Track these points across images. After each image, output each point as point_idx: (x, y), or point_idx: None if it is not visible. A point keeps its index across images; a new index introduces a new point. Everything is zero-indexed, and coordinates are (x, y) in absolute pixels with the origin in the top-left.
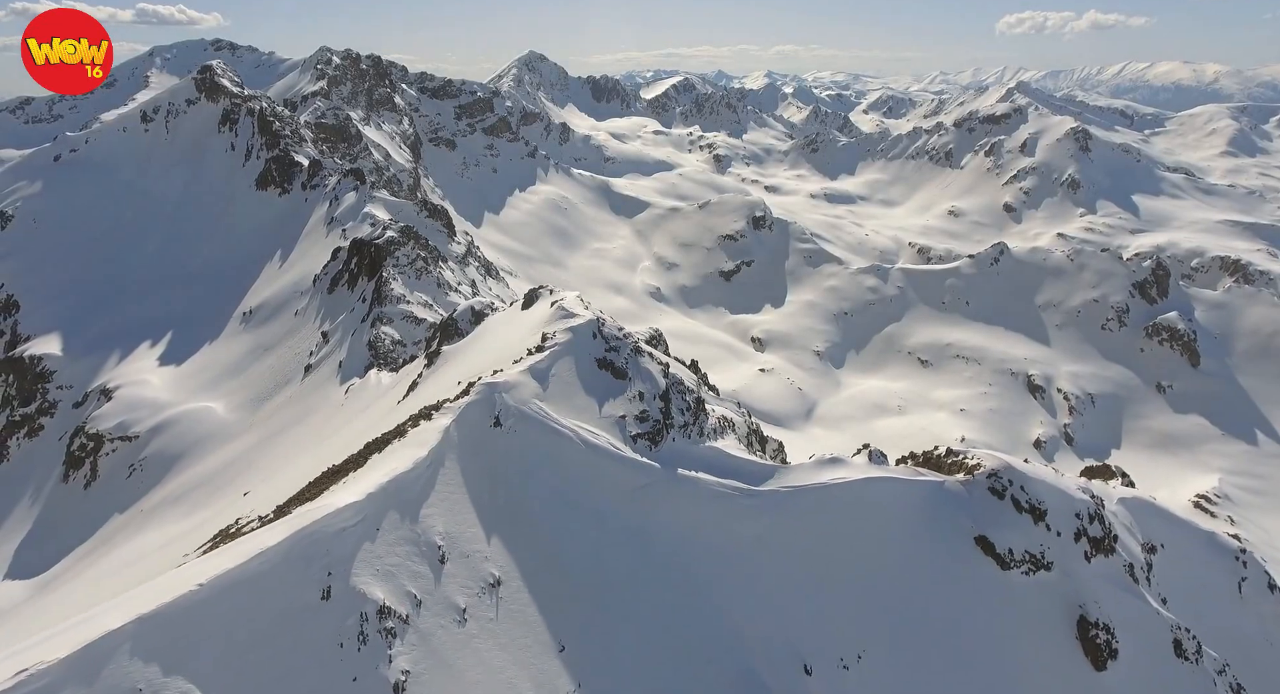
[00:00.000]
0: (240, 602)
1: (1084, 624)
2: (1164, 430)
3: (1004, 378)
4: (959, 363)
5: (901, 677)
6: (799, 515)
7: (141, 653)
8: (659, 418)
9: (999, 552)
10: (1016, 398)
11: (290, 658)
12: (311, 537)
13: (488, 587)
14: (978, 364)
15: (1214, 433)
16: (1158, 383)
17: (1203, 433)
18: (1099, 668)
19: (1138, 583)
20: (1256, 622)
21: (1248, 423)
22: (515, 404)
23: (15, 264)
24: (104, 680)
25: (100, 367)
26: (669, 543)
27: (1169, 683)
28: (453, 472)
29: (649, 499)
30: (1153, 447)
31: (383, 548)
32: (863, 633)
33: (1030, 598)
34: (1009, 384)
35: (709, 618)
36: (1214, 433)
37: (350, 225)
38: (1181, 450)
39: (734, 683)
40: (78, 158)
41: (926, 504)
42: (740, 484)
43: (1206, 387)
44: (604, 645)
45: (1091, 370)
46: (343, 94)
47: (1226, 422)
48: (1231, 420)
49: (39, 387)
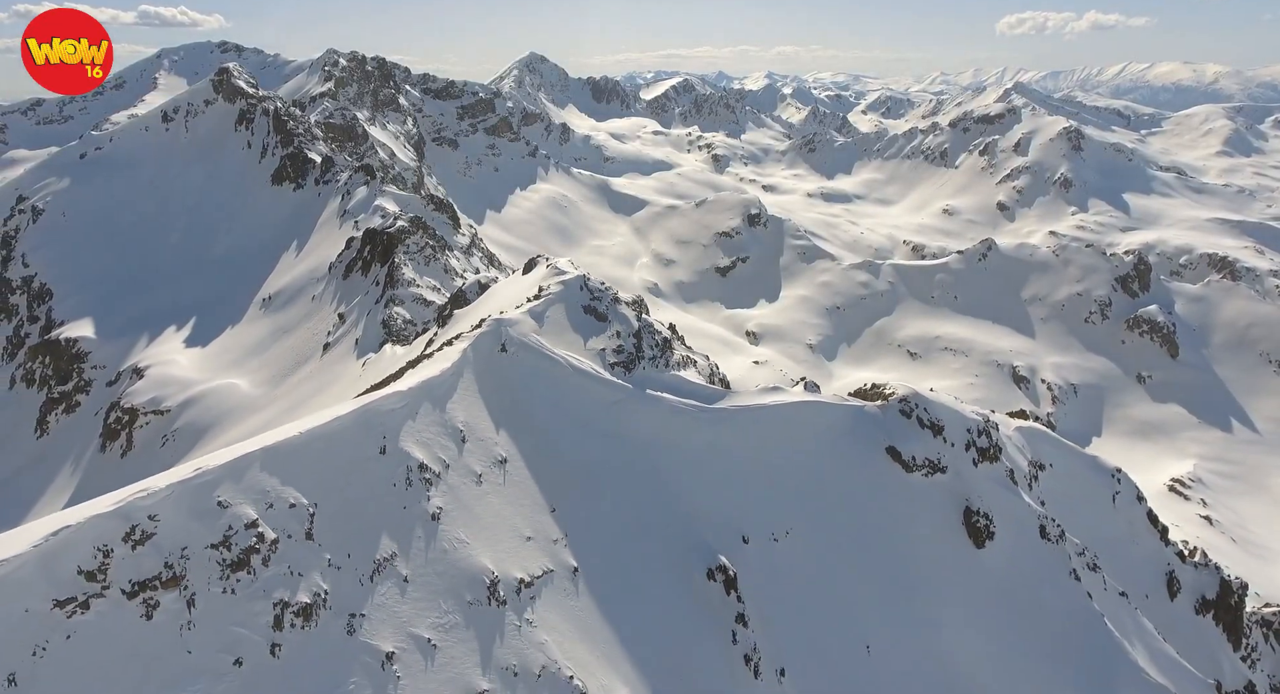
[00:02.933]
0: (325, 448)
1: (969, 513)
2: (1143, 419)
3: (990, 369)
4: (947, 355)
5: (819, 550)
6: (742, 427)
7: (267, 469)
8: (632, 351)
9: (904, 458)
10: (1002, 388)
11: (360, 489)
12: (372, 411)
13: (497, 462)
14: (965, 356)
15: (1191, 421)
16: (1138, 373)
17: (1180, 421)
18: (979, 546)
19: (1016, 485)
20: (1125, 525)
21: (1223, 411)
22: (517, 336)
23: (47, 254)
24: (245, 482)
25: (130, 349)
26: (638, 444)
27: (1034, 557)
28: (470, 381)
29: (622, 411)
30: (1132, 434)
31: (420, 425)
32: (790, 516)
33: (928, 494)
34: (994, 375)
35: (669, 501)
36: (1191, 421)
37: (362, 217)
38: (1160, 437)
39: (688, 548)
40: (102, 155)
41: (848, 422)
42: (696, 403)
43: (1185, 377)
44: (585, 513)
45: (1074, 361)
46: (349, 95)
47: (1203, 410)
48: (1208, 409)
49: (75, 367)
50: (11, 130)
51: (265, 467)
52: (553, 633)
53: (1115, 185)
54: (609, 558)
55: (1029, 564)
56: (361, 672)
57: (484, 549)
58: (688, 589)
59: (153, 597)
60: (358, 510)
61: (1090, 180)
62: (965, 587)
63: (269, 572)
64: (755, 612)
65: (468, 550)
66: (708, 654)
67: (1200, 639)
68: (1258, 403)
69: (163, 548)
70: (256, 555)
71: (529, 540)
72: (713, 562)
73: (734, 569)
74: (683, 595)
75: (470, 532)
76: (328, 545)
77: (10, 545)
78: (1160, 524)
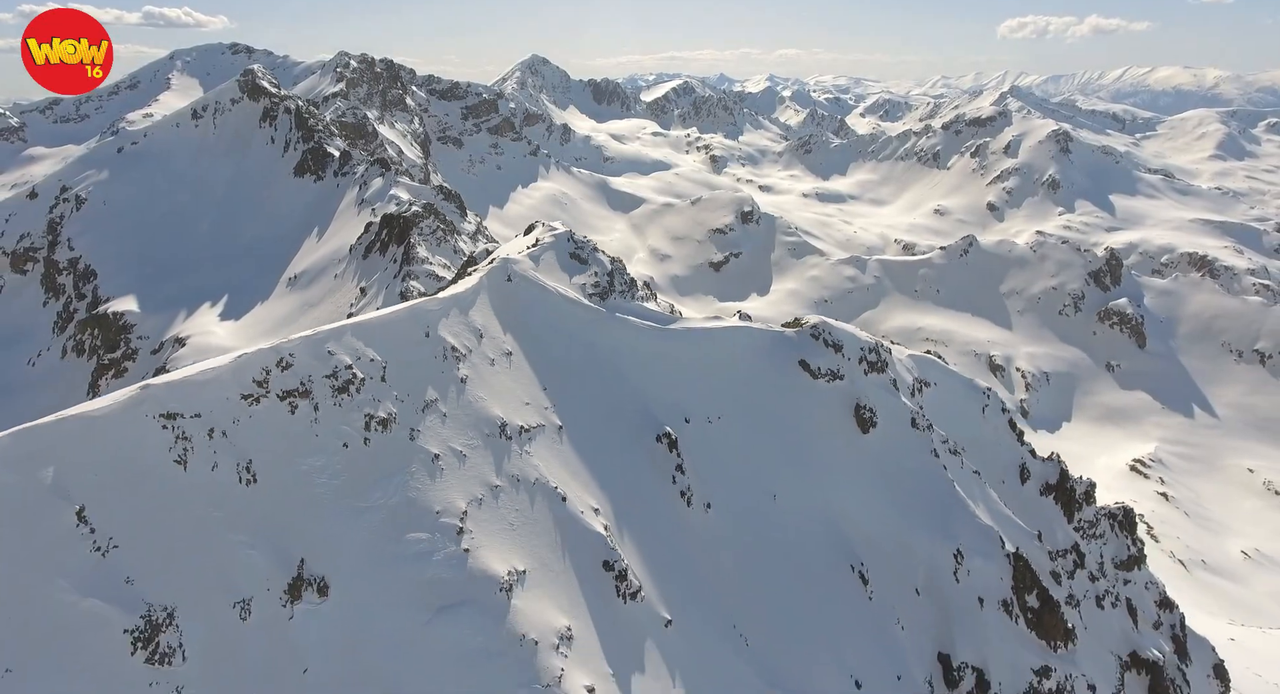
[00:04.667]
0: (391, 328)
1: (858, 408)
2: (1111, 405)
3: (968, 358)
4: (928, 346)
5: (742, 430)
6: (688, 342)
7: (356, 336)
8: (606, 286)
9: (811, 368)
10: (978, 376)
11: (413, 357)
12: (420, 309)
13: (504, 354)
14: (945, 346)
15: (1155, 407)
16: (1107, 362)
17: (1146, 407)
18: (864, 432)
19: (896, 390)
20: (991, 430)
21: (1186, 398)
22: (520, 271)
23: (91, 239)
24: (343, 342)
25: (170, 322)
26: (608, 350)
27: (904, 440)
28: (484, 298)
29: (597, 327)
30: (1100, 419)
31: (451, 322)
32: (721, 407)
33: (828, 395)
34: (972, 364)
35: (630, 391)
36: (1155, 407)
37: (378, 205)
38: (1126, 422)
39: (643, 422)
40: (138, 149)
41: (770, 342)
42: (654, 323)
43: (1151, 366)
44: (568, 394)
45: (1048, 351)
46: (359, 95)
47: (1167, 397)
48: (1172, 396)
49: (122, 337)
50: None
51: (355, 334)
52: (543, 462)
53: (1102, 187)
54: (584, 424)
55: (900, 444)
56: (419, 463)
57: (496, 404)
58: (642, 448)
59: (294, 401)
60: (412, 370)
61: (1077, 182)
62: (850, 459)
63: (360, 396)
64: (690, 466)
65: (485, 404)
66: (654, 490)
67: (1042, 514)
68: (1219, 390)
69: (298, 373)
70: (352, 385)
71: (527, 404)
72: (661, 430)
73: (676, 435)
74: (638, 452)
75: (486, 393)
76: (395, 387)
77: (216, 363)
78: (1018, 429)
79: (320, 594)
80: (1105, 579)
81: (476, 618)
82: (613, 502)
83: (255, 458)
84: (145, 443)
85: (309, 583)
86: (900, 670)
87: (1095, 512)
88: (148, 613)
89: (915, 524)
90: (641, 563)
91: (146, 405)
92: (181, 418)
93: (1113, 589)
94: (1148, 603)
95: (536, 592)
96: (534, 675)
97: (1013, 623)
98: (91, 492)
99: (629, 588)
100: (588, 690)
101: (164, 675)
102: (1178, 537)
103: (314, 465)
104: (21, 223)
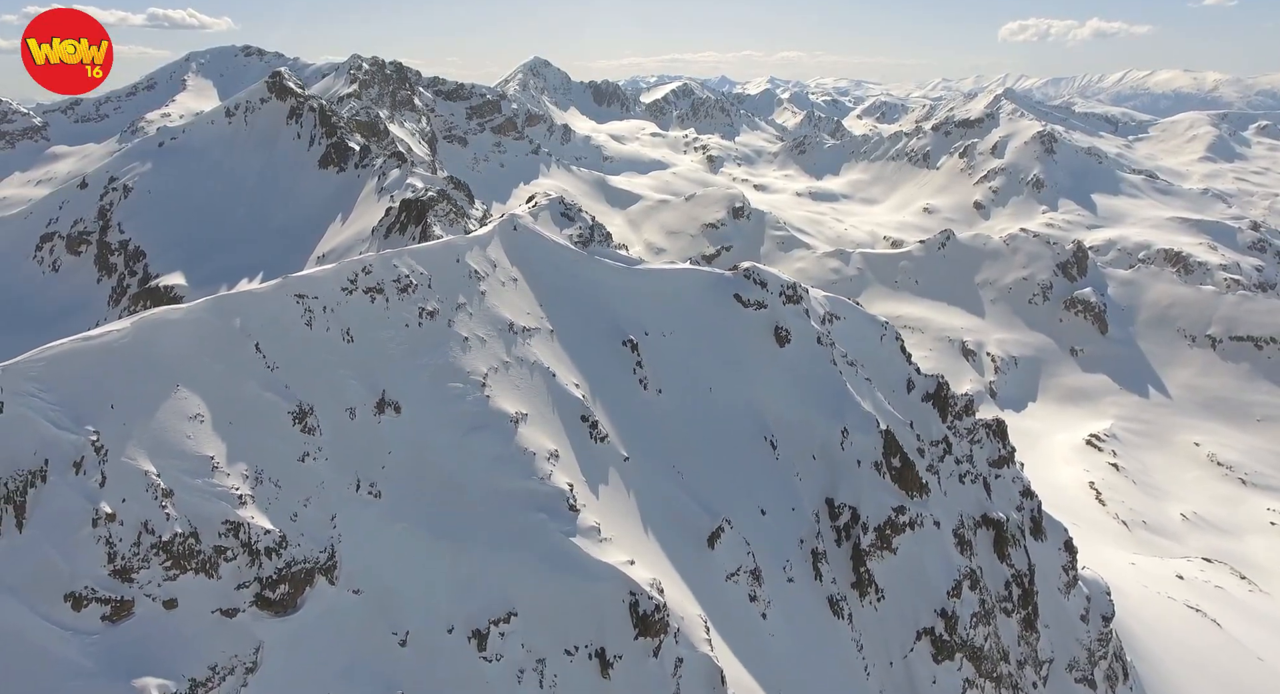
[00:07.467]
0: (433, 256)
1: (777, 329)
2: (1073, 386)
3: (942, 344)
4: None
5: (687, 342)
6: (649, 278)
7: (411, 256)
8: (588, 236)
9: (743, 299)
10: (952, 360)
11: (448, 276)
12: (452, 243)
13: (511, 279)
14: (922, 333)
15: (1114, 388)
16: (1071, 347)
17: (1105, 388)
18: (781, 346)
19: (808, 316)
20: (886, 353)
21: (1142, 380)
22: (523, 223)
23: (138, 223)
24: (399, 261)
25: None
26: (588, 282)
27: (810, 352)
28: (497, 241)
29: (581, 265)
30: (1062, 399)
31: (474, 255)
32: (672, 325)
33: (754, 319)
34: (946, 349)
35: (604, 311)
36: (1114, 388)
37: (396, 192)
38: (1085, 402)
39: (612, 332)
40: (177, 144)
41: (712, 280)
42: (624, 265)
43: (1111, 350)
44: (559, 310)
45: (1016, 337)
46: (371, 95)
47: (1125, 379)
48: (1129, 377)
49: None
50: (53, 127)
51: (412, 255)
52: (539, 351)
53: (1085, 186)
54: (569, 330)
55: (807, 355)
56: (454, 342)
57: (506, 310)
58: (612, 349)
59: (373, 294)
60: (449, 283)
61: (1061, 181)
62: (769, 365)
63: (415, 295)
64: (647, 363)
65: (498, 309)
66: (619, 377)
67: (921, 414)
68: (1173, 372)
69: (375, 277)
70: (410, 288)
71: (528, 313)
72: (625, 337)
73: (637, 341)
74: (608, 351)
75: (499, 303)
76: (437, 292)
77: (323, 270)
78: (908, 353)
79: (396, 412)
80: (971, 466)
81: (495, 437)
82: (590, 382)
83: (352, 326)
84: (287, 309)
85: (389, 404)
86: (795, 505)
87: (974, 422)
88: (299, 405)
89: (814, 410)
90: (609, 421)
91: (287, 287)
92: (306, 298)
93: (973, 471)
94: (1014, 492)
95: (534, 428)
96: (532, 472)
97: (880, 477)
98: (262, 334)
99: (599, 434)
100: (569, 486)
101: (310, 441)
102: (1123, 501)
103: (388, 335)
104: (74, 210)
